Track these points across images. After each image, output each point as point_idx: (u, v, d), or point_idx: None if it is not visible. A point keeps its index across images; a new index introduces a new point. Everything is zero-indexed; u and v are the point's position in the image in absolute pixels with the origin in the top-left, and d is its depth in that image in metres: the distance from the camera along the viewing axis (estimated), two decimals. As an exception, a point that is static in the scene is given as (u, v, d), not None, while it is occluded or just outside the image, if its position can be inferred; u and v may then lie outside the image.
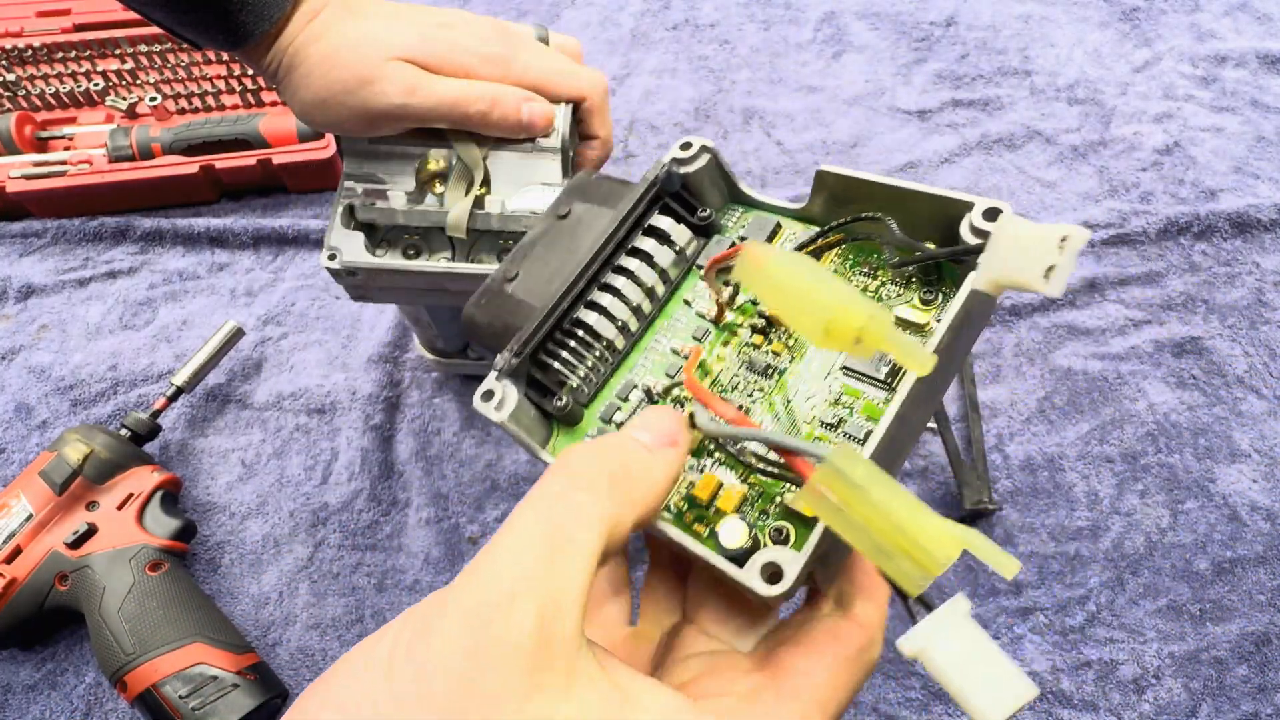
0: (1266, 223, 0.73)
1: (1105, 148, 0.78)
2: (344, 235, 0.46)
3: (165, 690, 0.47)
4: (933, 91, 0.83)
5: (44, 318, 0.68)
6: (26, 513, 0.52)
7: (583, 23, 0.89)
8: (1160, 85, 0.83)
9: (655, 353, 0.32)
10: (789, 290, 0.23)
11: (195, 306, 0.69)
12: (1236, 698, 0.53)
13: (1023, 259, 0.22)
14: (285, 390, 0.64)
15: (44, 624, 0.53)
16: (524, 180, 0.47)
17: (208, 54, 0.79)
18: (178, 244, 0.72)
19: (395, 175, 0.47)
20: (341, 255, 0.45)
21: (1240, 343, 0.66)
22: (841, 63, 0.85)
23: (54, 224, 0.73)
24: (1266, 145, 0.78)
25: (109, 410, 0.63)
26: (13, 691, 0.53)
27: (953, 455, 0.56)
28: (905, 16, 0.89)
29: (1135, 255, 0.72)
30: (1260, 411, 0.63)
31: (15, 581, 0.51)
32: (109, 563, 0.51)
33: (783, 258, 0.24)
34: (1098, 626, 0.55)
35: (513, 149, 0.47)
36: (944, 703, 0.52)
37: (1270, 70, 0.83)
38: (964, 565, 0.56)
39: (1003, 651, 0.22)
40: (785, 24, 0.89)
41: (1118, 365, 0.65)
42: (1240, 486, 0.60)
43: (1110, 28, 0.87)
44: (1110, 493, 0.59)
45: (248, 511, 0.59)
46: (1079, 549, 0.57)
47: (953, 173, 0.77)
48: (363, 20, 0.42)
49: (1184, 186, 0.75)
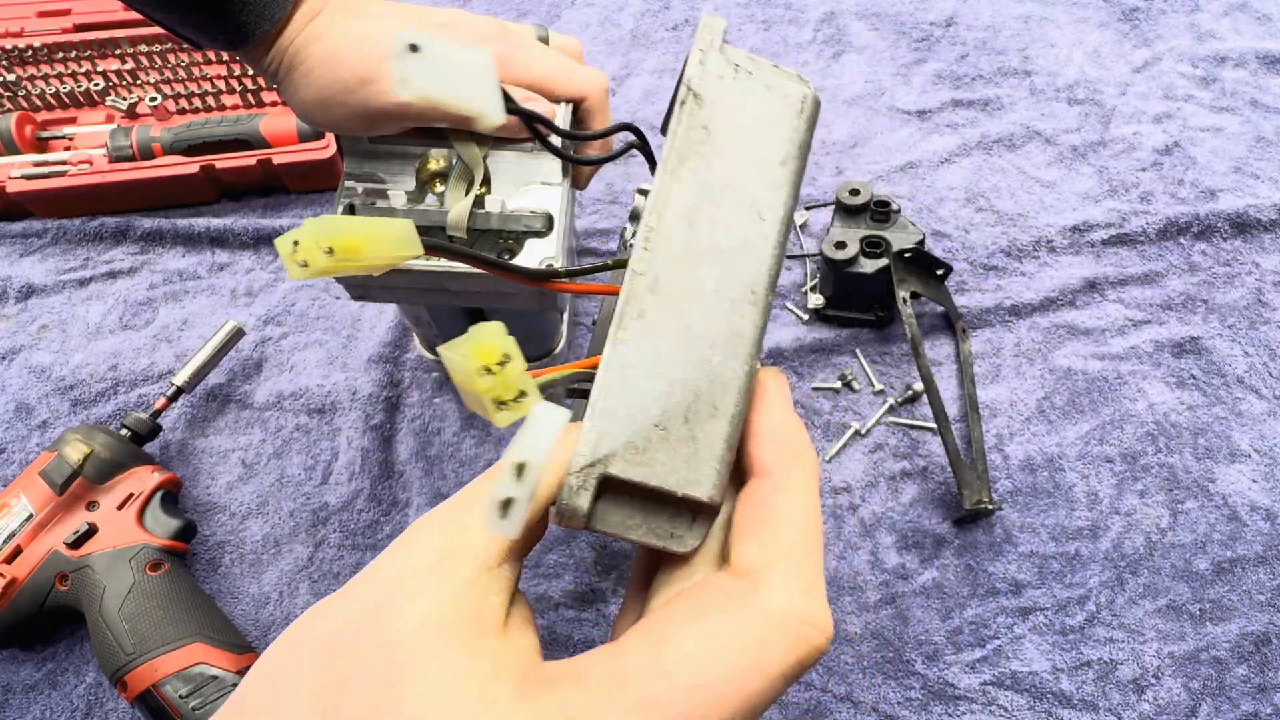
0: (1266, 223, 0.73)
1: (1105, 148, 0.78)
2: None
3: (165, 690, 0.47)
4: (932, 92, 0.83)
5: (44, 318, 0.68)
6: (27, 513, 0.52)
7: (583, 23, 0.89)
8: (1160, 85, 0.83)
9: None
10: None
11: (195, 306, 0.69)
12: (1236, 697, 0.53)
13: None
14: (285, 390, 0.64)
15: (44, 624, 0.53)
16: (524, 180, 0.47)
17: (208, 54, 0.79)
18: (178, 244, 0.72)
19: (396, 175, 0.47)
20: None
21: (1240, 343, 0.67)
22: (841, 63, 0.85)
23: (54, 224, 0.73)
24: (1266, 145, 0.78)
25: (109, 410, 0.63)
26: (13, 691, 0.53)
27: (952, 455, 0.56)
28: (905, 17, 0.89)
29: (1135, 255, 0.72)
30: (1260, 411, 0.63)
31: (15, 581, 0.51)
32: (109, 563, 0.51)
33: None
34: (1097, 626, 0.55)
35: (513, 148, 0.47)
36: (944, 703, 0.52)
37: (1270, 70, 0.83)
38: (963, 565, 0.56)
39: None
40: (785, 24, 0.89)
41: (1117, 365, 0.65)
42: (1240, 486, 0.60)
43: (1110, 28, 0.87)
44: (1110, 493, 0.59)
45: (248, 511, 0.59)
46: (1079, 549, 0.57)
47: (952, 172, 0.77)
48: (363, 19, 0.43)
49: (1184, 187, 0.75)
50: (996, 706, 0.52)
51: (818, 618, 0.22)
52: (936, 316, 0.68)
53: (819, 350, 0.66)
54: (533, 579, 0.56)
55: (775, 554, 0.23)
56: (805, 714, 0.51)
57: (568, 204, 0.47)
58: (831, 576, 0.56)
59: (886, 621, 0.54)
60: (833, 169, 0.77)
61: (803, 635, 0.21)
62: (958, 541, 0.57)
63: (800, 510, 0.24)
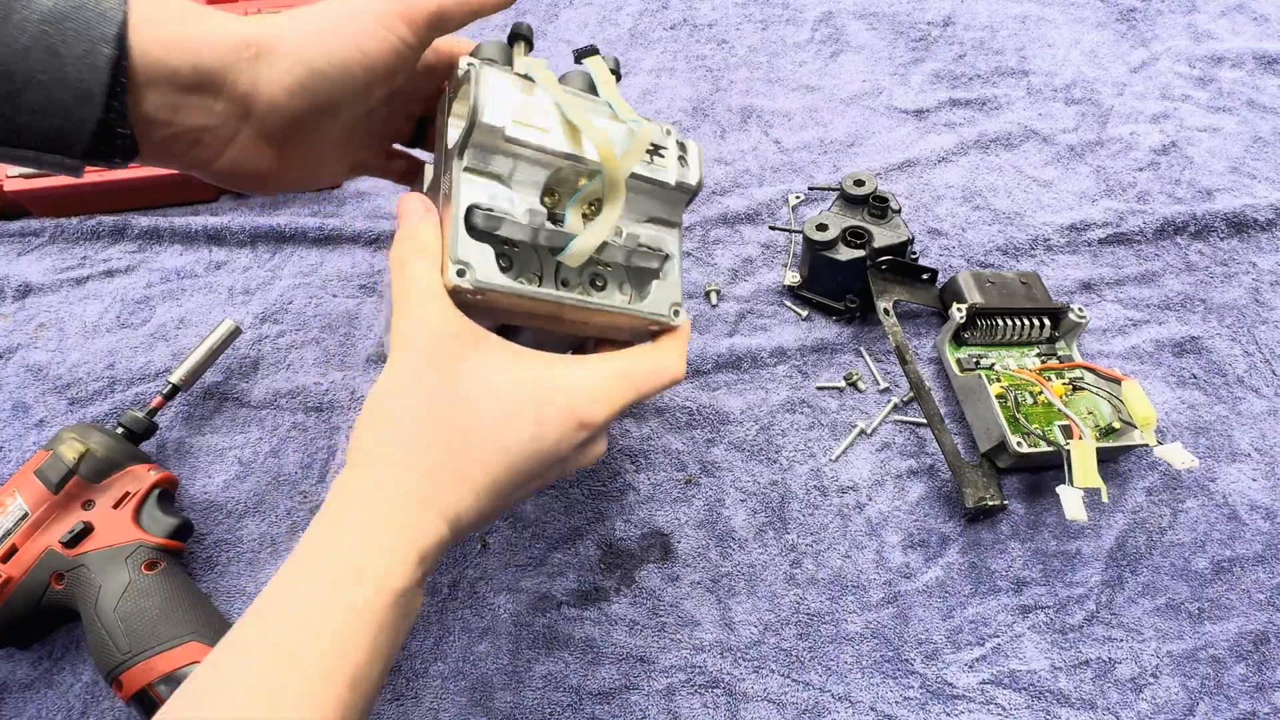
0: (1263, 222, 0.73)
1: (1102, 147, 0.79)
2: (473, 248, 0.39)
3: (161, 689, 0.47)
4: (930, 91, 0.83)
5: (41, 316, 0.68)
6: (22, 511, 0.52)
7: (581, 22, 0.89)
8: (1157, 85, 0.83)
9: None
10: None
11: (192, 305, 0.68)
12: (1234, 696, 0.53)
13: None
14: (282, 388, 0.64)
15: (40, 623, 0.52)
16: (644, 212, 0.45)
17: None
18: (175, 242, 0.72)
19: (518, 180, 0.41)
20: (473, 272, 0.38)
21: (1240, 342, 0.67)
22: (839, 62, 0.86)
23: (51, 223, 0.72)
24: (1263, 145, 0.78)
25: (106, 409, 0.63)
26: (9, 690, 0.53)
27: (950, 455, 0.56)
28: (903, 16, 0.89)
29: (1132, 255, 0.72)
30: (1260, 411, 0.63)
31: (11, 580, 0.51)
32: (105, 561, 0.51)
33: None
34: (1096, 625, 0.55)
35: (645, 179, 0.43)
36: (942, 702, 0.52)
37: (1267, 70, 0.84)
38: (967, 563, 0.56)
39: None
40: (783, 24, 0.89)
41: (1118, 365, 0.65)
42: (1240, 486, 0.60)
43: (1107, 28, 0.88)
44: (1112, 491, 0.59)
45: (245, 510, 0.59)
46: (1080, 547, 0.57)
47: (949, 172, 0.77)
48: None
49: (1181, 186, 0.75)
50: (995, 705, 0.52)
51: (681, 368, 0.44)
52: (933, 311, 0.68)
53: (822, 350, 0.66)
54: (537, 577, 0.56)
55: (670, 343, 0.45)
56: (804, 713, 0.51)
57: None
58: (835, 576, 0.56)
59: (887, 621, 0.54)
60: (830, 168, 0.77)
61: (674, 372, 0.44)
62: (963, 539, 0.57)
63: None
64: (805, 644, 0.54)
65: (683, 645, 0.53)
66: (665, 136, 0.44)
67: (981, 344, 0.64)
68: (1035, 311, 0.63)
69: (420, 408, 0.36)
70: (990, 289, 0.63)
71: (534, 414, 0.38)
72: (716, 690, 0.52)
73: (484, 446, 0.37)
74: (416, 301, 0.37)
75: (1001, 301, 0.63)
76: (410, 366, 0.36)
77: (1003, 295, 0.63)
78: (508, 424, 0.37)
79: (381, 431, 0.36)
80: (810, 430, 0.62)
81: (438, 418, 0.36)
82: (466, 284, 0.38)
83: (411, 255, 0.38)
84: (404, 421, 0.36)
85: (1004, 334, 0.63)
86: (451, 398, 0.36)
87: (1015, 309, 0.63)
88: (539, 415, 0.38)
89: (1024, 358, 0.63)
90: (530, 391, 0.38)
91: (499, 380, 0.38)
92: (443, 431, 0.36)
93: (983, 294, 0.63)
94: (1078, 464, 0.53)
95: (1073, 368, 0.62)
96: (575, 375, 0.40)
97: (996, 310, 0.62)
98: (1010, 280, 0.65)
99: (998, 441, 0.57)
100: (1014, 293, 0.64)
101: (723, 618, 0.54)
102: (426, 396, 0.36)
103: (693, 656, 0.53)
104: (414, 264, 0.38)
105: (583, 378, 0.40)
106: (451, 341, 0.37)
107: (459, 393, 0.37)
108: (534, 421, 0.38)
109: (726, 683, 0.52)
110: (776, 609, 0.55)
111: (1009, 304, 0.63)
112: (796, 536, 0.57)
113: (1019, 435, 0.57)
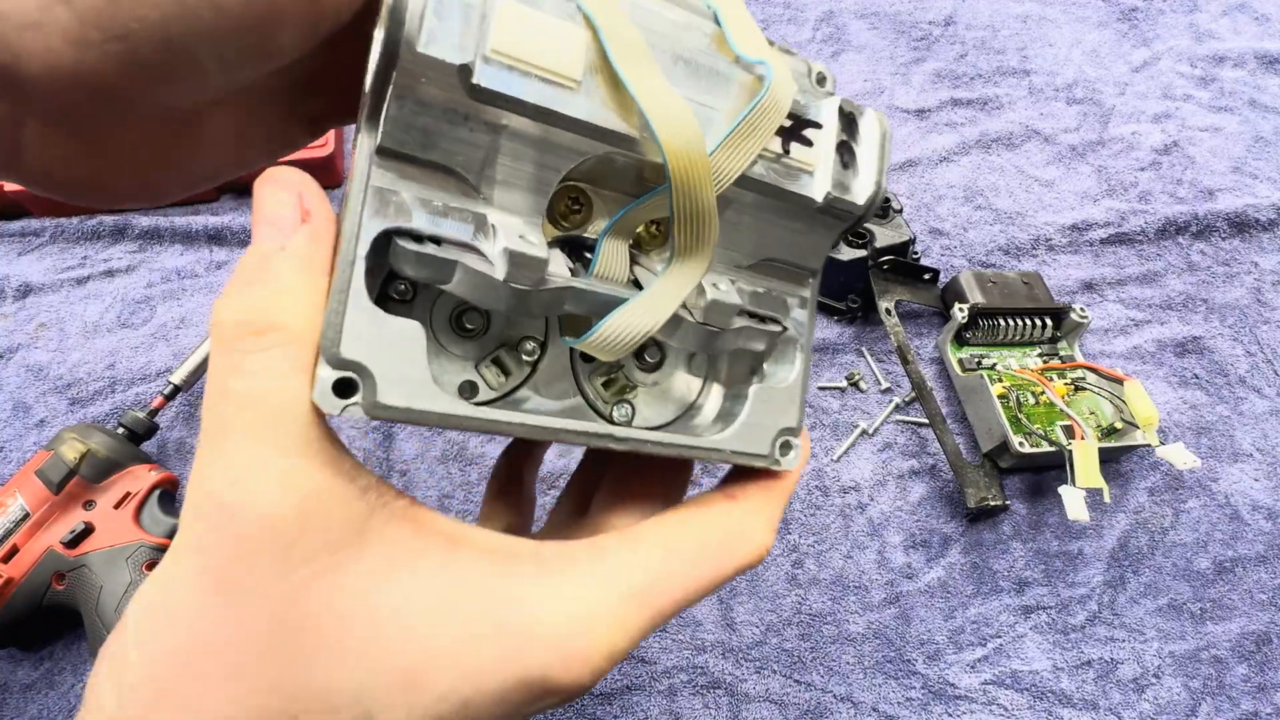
0: (1265, 222, 0.73)
1: (1103, 147, 0.79)
2: (381, 328, 0.20)
3: (163, 690, 0.47)
4: (931, 91, 0.83)
5: (42, 316, 0.68)
6: (23, 512, 0.52)
7: (582, 22, 0.89)
8: (1158, 85, 0.83)
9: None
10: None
11: (193, 305, 0.68)
12: (1236, 696, 0.52)
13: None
14: (284, 389, 0.64)
15: (42, 623, 0.52)
16: (754, 248, 0.26)
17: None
18: (176, 242, 0.72)
19: (506, 182, 0.22)
20: (372, 386, 0.19)
21: (1242, 342, 0.67)
22: (840, 62, 0.85)
23: (52, 223, 0.72)
24: (1264, 145, 0.78)
25: (106, 409, 0.63)
26: (10, 690, 0.53)
27: (952, 455, 0.56)
28: (904, 16, 0.89)
29: (1134, 255, 0.72)
30: (1262, 411, 0.63)
31: (12, 581, 0.51)
32: (106, 562, 0.51)
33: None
34: (1098, 625, 0.55)
35: (766, 186, 0.24)
36: (944, 702, 0.52)
37: (1268, 70, 0.83)
38: (969, 564, 0.56)
39: None
40: (784, 23, 0.89)
41: (1120, 365, 0.65)
42: (1242, 486, 0.60)
43: (1109, 28, 0.88)
44: (1114, 491, 0.59)
45: (246, 510, 0.59)
46: (1082, 547, 0.57)
47: (951, 171, 0.77)
48: None
49: (1182, 186, 0.75)
50: (997, 706, 0.52)
51: (769, 543, 0.26)
52: (935, 311, 0.68)
53: (823, 350, 0.66)
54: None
55: (761, 500, 0.27)
56: (805, 714, 0.51)
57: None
58: (837, 576, 0.56)
59: (890, 621, 0.54)
60: (832, 168, 0.77)
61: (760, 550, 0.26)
62: (964, 539, 0.57)
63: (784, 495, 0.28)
64: (807, 644, 0.53)
65: (684, 645, 0.53)
66: (817, 97, 0.25)
67: (983, 344, 0.64)
68: (1037, 311, 0.63)
69: (232, 666, 0.19)
70: (992, 289, 0.63)
71: (454, 669, 0.20)
72: (718, 690, 0.52)
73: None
74: (243, 442, 0.19)
75: (1003, 301, 0.63)
76: (212, 584, 0.19)
77: (1004, 295, 0.63)
78: (401, 693, 0.20)
79: (148, 699, 0.19)
80: (812, 430, 0.62)
81: (264, 686, 0.19)
82: (354, 411, 0.19)
83: (245, 335, 0.19)
84: (199, 687, 0.19)
85: (1006, 334, 0.63)
86: (293, 648, 0.19)
87: (1017, 309, 0.63)
88: (464, 670, 0.20)
89: (1026, 358, 0.63)
90: (457, 627, 0.20)
91: (398, 605, 0.20)
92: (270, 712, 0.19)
93: (984, 294, 0.63)
94: (1080, 464, 0.53)
95: (1075, 368, 0.62)
96: (554, 601, 0.21)
97: (998, 310, 0.62)
98: (1012, 280, 0.65)
99: (1000, 441, 0.57)
100: (1016, 293, 0.64)
101: (724, 618, 0.54)
102: (243, 645, 0.19)
103: (694, 657, 0.53)
104: (250, 358, 0.19)
105: (567, 606, 0.21)
106: (308, 534, 0.19)
107: (307, 638, 0.19)
108: (455, 679, 0.20)
109: (728, 683, 0.52)
110: (778, 609, 0.55)
111: (1011, 304, 0.63)
112: (798, 537, 0.57)
113: (1021, 435, 0.57)
